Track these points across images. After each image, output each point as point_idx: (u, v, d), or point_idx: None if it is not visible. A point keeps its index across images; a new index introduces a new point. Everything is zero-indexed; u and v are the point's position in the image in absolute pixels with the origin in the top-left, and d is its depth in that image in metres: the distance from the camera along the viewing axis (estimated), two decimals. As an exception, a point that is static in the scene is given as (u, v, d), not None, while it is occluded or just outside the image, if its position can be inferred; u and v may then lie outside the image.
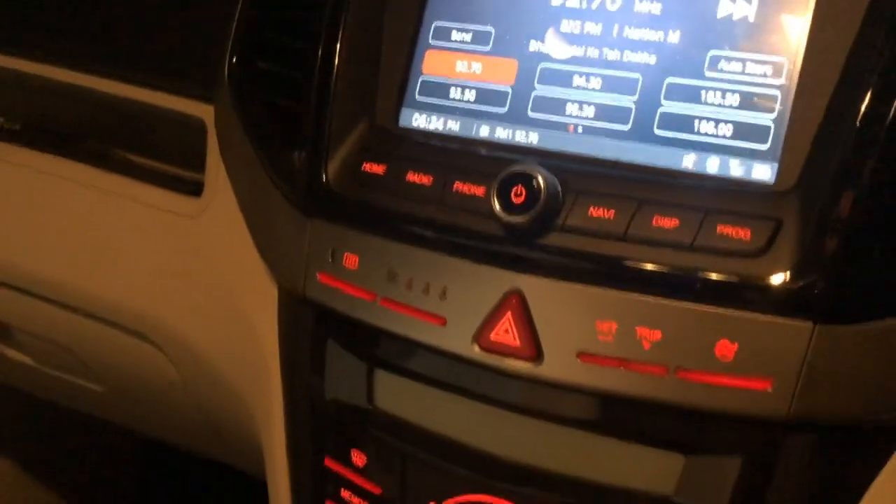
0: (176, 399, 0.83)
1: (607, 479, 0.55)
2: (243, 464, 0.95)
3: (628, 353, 0.52)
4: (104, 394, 0.92)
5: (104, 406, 0.99)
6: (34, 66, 0.84)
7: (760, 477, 0.51)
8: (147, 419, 0.98)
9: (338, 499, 0.63)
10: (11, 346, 0.94)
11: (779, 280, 0.49)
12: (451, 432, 0.59)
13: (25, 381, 1.05)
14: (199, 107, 0.75)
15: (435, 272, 0.57)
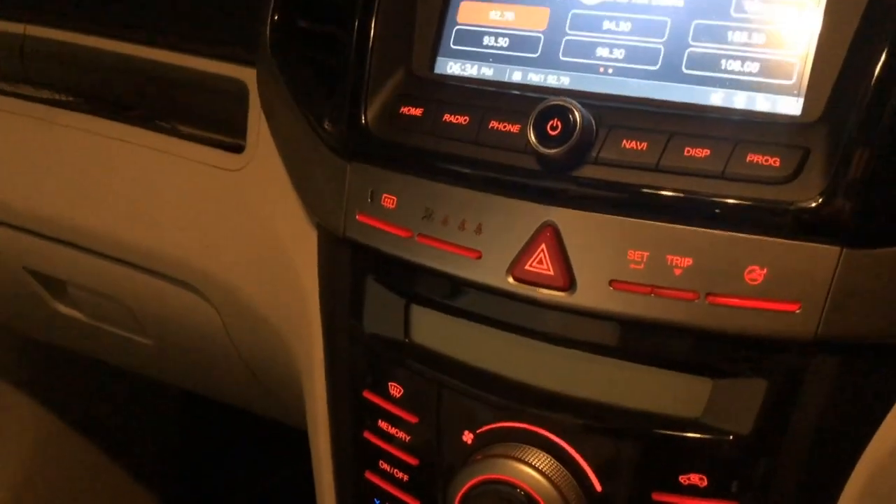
0: (220, 349, 0.82)
1: (637, 404, 0.52)
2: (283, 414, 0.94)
3: (660, 280, 0.49)
4: (152, 347, 0.91)
5: (151, 361, 0.98)
6: (79, 37, 0.83)
7: (786, 398, 0.49)
8: (192, 373, 0.96)
9: (376, 429, 0.61)
10: (65, 302, 0.93)
11: (807, 205, 0.46)
12: (485, 363, 0.57)
13: (75, 338, 1.04)
14: (241, 70, 0.74)
15: (470, 208, 0.55)
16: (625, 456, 0.52)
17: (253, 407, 1.03)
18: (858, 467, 0.49)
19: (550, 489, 0.53)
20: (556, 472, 0.53)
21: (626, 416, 0.53)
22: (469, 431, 0.57)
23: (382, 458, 0.61)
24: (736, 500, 0.50)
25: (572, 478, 0.53)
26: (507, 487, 0.53)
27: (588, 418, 0.53)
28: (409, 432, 0.60)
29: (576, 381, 0.54)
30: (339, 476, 0.64)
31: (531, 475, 0.53)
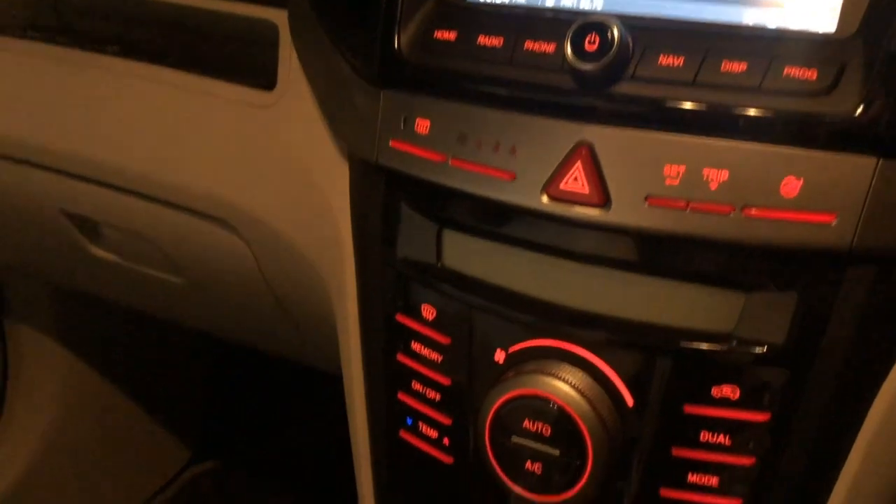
0: (253, 287, 0.80)
1: (669, 320, 0.51)
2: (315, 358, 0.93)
3: (695, 194, 0.48)
4: (185, 288, 0.90)
5: (184, 304, 0.97)
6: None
7: (820, 310, 0.47)
8: (225, 316, 0.95)
9: (408, 352, 0.60)
10: (100, 244, 0.92)
11: (844, 116, 0.45)
12: (517, 285, 0.56)
13: (108, 284, 1.03)
14: (271, 11, 0.72)
15: (504, 130, 0.53)
16: (657, 371, 0.51)
17: (285, 351, 1.02)
18: (890, 379, 0.48)
19: (583, 403, 0.52)
20: (588, 387, 0.52)
21: (658, 332, 0.51)
22: (501, 350, 0.56)
23: (415, 379, 0.60)
24: (767, 411, 0.49)
25: (604, 393, 0.52)
26: (539, 402, 0.52)
27: (620, 335, 0.52)
28: (442, 353, 0.58)
29: (608, 299, 0.53)
30: (371, 398, 0.63)
31: (564, 390, 0.52)
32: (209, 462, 1.49)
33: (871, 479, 0.49)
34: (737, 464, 0.50)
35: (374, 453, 0.65)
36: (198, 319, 1.03)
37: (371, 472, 0.66)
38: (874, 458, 0.48)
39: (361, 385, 0.64)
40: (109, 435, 1.42)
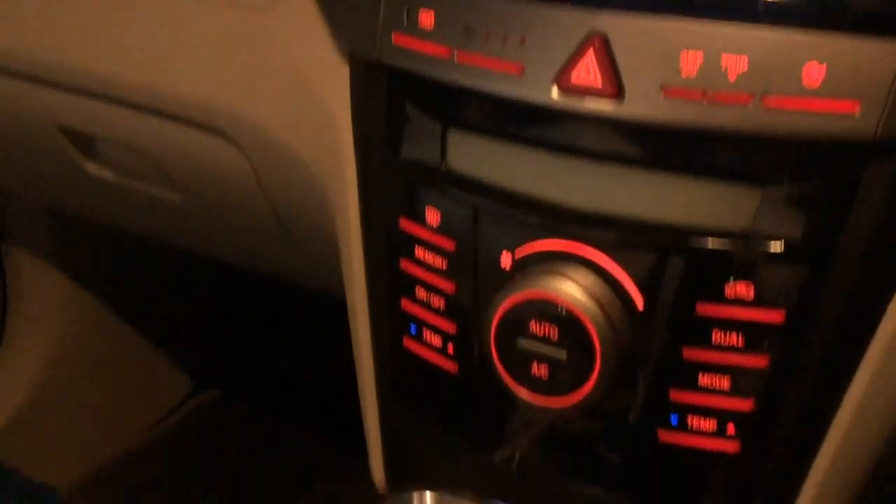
0: (252, 202, 0.78)
1: (683, 218, 0.49)
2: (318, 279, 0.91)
3: (713, 84, 0.45)
4: (182, 208, 0.88)
5: (181, 224, 0.95)
6: None
7: (840, 203, 0.45)
8: (224, 235, 0.94)
9: (412, 258, 0.58)
10: (96, 161, 0.90)
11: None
12: (524, 186, 0.54)
13: (105, 205, 1.01)
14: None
15: (513, 21, 0.51)
16: (669, 271, 0.49)
17: (287, 274, 1.00)
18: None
19: (592, 305, 0.50)
20: (597, 289, 0.51)
21: (671, 231, 0.49)
22: (508, 254, 0.54)
23: (419, 286, 0.58)
24: (782, 310, 0.48)
25: (614, 295, 0.51)
26: (547, 305, 0.51)
27: (632, 235, 0.50)
28: (446, 259, 0.57)
29: (619, 198, 0.51)
30: (374, 307, 0.62)
31: (572, 292, 0.50)
32: (212, 391, 1.49)
33: (889, 382, 0.48)
34: (749, 365, 0.48)
35: (377, 364, 0.64)
36: (197, 241, 1.02)
37: (374, 383, 0.65)
38: (892, 359, 0.47)
39: (364, 295, 0.63)
40: (111, 364, 1.42)
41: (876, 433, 0.48)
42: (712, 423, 0.50)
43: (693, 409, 0.50)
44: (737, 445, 0.50)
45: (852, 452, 0.49)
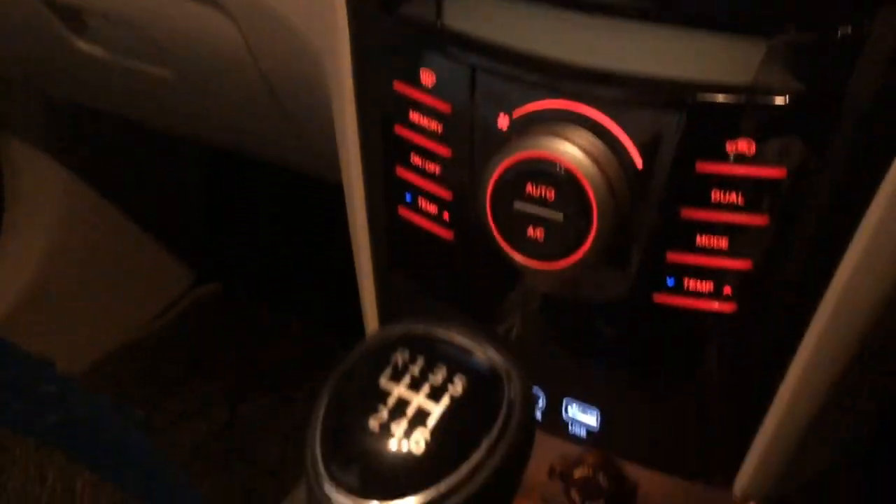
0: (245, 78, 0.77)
1: (684, 73, 0.48)
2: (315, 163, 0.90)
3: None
4: (175, 85, 0.86)
5: (176, 104, 0.93)
6: None
7: (846, 56, 0.44)
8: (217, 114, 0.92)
9: (406, 122, 0.57)
10: (85, 37, 0.88)
11: None
12: (521, 43, 0.52)
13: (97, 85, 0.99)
14: None
15: None
16: (669, 128, 0.48)
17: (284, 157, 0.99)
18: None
19: (591, 165, 0.49)
20: (596, 149, 0.49)
21: (672, 87, 0.48)
22: (505, 115, 0.53)
23: (414, 152, 0.57)
24: (784, 167, 0.46)
25: (613, 155, 0.50)
26: (544, 164, 0.49)
27: (632, 91, 0.49)
28: (442, 122, 0.55)
29: (618, 53, 0.49)
30: (368, 176, 0.61)
31: (570, 151, 0.49)
32: (213, 283, 1.50)
33: (889, 239, 0.47)
34: (749, 224, 0.48)
35: (372, 235, 0.63)
36: (192, 122, 1.00)
37: (370, 256, 0.65)
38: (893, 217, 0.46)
39: (359, 164, 0.62)
40: (111, 255, 1.42)
41: (875, 291, 0.47)
42: (709, 284, 0.50)
43: (690, 271, 0.50)
44: (734, 306, 0.49)
45: (850, 310, 0.48)
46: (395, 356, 0.33)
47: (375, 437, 0.32)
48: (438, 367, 0.32)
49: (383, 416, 0.32)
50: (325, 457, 0.32)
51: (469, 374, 0.32)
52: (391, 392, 0.32)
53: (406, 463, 0.31)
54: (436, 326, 0.34)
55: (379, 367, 0.33)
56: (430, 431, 0.31)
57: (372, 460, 0.31)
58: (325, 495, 0.31)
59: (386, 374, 0.33)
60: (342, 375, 0.34)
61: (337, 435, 0.33)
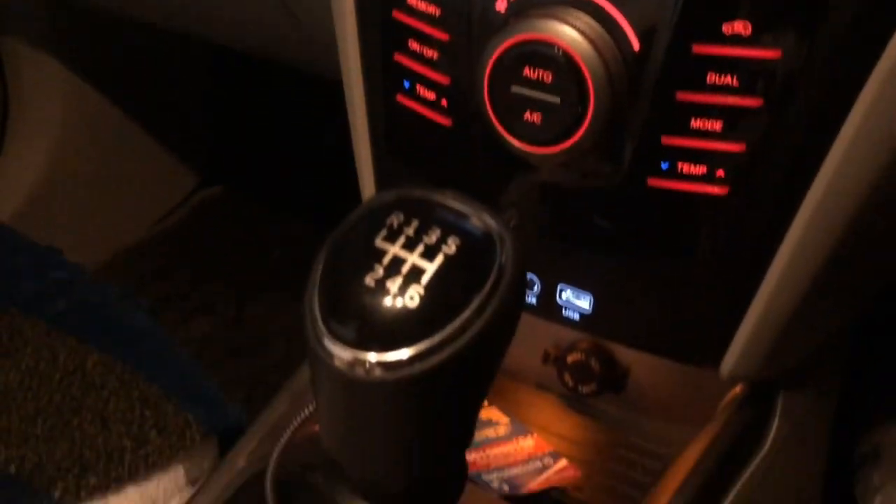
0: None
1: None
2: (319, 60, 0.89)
3: None
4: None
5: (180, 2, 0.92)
6: None
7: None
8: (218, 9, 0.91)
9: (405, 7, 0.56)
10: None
11: None
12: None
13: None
14: None
15: None
16: (666, 10, 0.48)
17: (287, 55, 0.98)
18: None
19: (588, 48, 0.49)
20: (594, 31, 0.49)
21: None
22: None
23: (412, 38, 0.57)
24: (779, 48, 0.46)
25: (610, 38, 0.50)
26: (542, 47, 0.49)
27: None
28: (440, 6, 0.55)
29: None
30: (366, 63, 0.61)
31: (569, 33, 0.49)
32: (219, 185, 1.50)
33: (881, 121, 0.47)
34: (743, 106, 0.48)
35: (371, 124, 0.64)
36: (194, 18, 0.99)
37: (369, 145, 0.65)
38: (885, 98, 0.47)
39: (357, 52, 0.62)
40: (116, 156, 1.42)
41: (865, 175, 0.48)
42: (702, 167, 0.50)
43: (684, 154, 0.50)
44: (726, 189, 0.50)
45: (840, 194, 0.49)
46: (390, 218, 0.34)
47: (372, 294, 0.33)
48: (433, 229, 0.33)
49: (379, 273, 0.33)
50: (324, 314, 0.34)
51: (463, 236, 0.33)
52: (387, 251, 0.33)
53: (401, 317, 0.32)
54: (431, 191, 0.34)
55: (374, 228, 0.34)
56: (424, 287, 0.32)
57: (369, 315, 0.33)
58: (325, 350, 0.33)
59: (381, 234, 0.34)
60: (338, 238, 0.35)
61: (334, 293, 0.34)
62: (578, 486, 0.62)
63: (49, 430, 0.60)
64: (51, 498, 0.54)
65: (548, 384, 0.69)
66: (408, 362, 0.32)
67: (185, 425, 0.61)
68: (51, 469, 0.56)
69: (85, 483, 0.56)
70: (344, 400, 0.34)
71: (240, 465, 0.58)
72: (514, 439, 0.65)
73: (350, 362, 0.32)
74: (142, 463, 0.59)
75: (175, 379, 0.64)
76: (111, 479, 0.57)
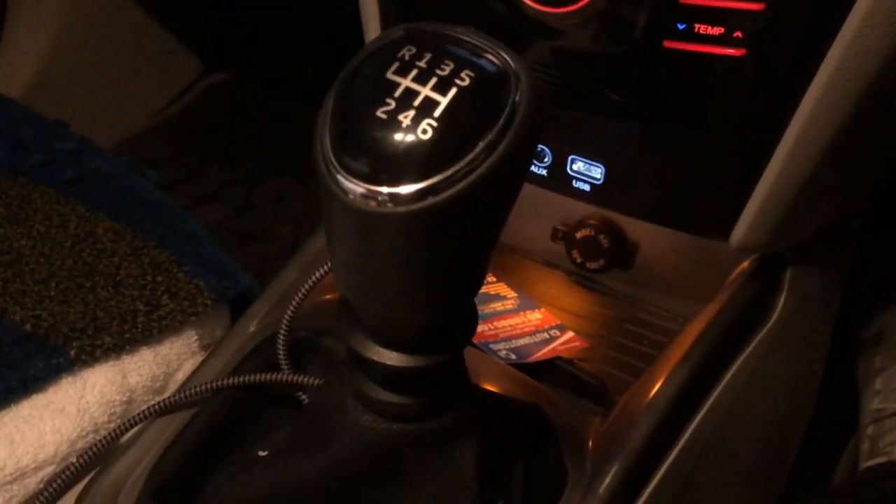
0: None
1: None
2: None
3: None
4: None
5: None
6: None
7: None
8: None
9: None
10: None
11: None
12: None
13: None
14: None
15: None
16: None
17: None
18: None
19: None
20: None
21: None
22: None
23: None
24: None
25: None
26: None
27: None
28: None
29: None
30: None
31: None
32: (222, 73, 1.48)
33: None
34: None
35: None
36: None
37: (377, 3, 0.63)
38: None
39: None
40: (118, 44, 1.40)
41: (888, 32, 0.47)
42: (720, 28, 0.49)
43: (702, 14, 0.49)
44: (743, 50, 0.49)
45: (858, 60, 0.48)
46: (402, 51, 0.33)
47: (383, 127, 0.32)
48: (446, 62, 0.33)
49: (391, 106, 0.32)
50: (336, 149, 0.33)
51: (477, 70, 0.33)
52: (399, 84, 0.33)
53: (413, 150, 0.32)
54: (445, 25, 0.34)
55: (386, 62, 0.33)
56: (436, 120, 0.32)
57: (381, 149, 0.32)
58: (338, 185, 0.33)
59: (393, 67, 0.33)
60: (349, 72, 0.34)
61: (345, 128, 0.34)
62: (584, 357, 0.63)
63: (62, 293, 0.60)
64: (67, 355, 0.55)
65: (556, 261, 0.69)
66: (420, 195, 0.32)
67: (196, 291, 0.62)
68: (65, 329, 0.57)
69: (100, 343, 0.57)
70: (357, 235, 0.34)
71: (251, 330, 0.59)
72: (522, 312, 0.66)
73: (363, 196, 0.32)
74: (155, 326, 0.60)
75: (186, 247, 0.64)
76: (125, 339, 0.58)
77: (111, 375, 0.56)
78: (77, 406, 0.53)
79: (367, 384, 0.39)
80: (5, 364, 0.53)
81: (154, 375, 0.58)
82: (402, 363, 0.37)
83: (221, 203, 1.25)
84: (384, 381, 0.39)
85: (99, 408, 0.55)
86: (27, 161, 0.68)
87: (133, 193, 0.67)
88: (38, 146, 0.70)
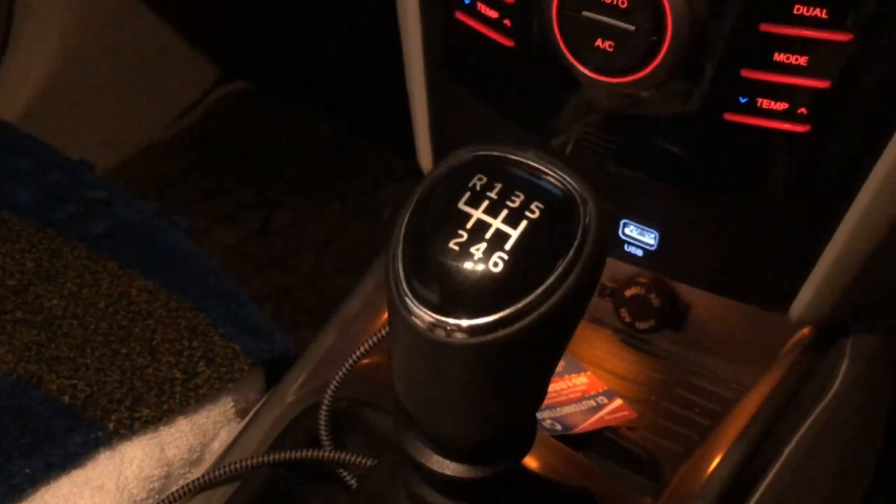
0: None
1: None
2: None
3: None
4: None
5: None
6: None
7: None
8: None
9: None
10: None
11: None
12: None
13: None
14: None
15: None
16: None
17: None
18: None
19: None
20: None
21: None
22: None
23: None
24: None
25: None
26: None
27: None
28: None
29: None
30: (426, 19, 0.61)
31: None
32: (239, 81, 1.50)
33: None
34: (832, 40, 0.49)
35: (425, 42, 0.64)
36: None
37: (423, 63, 0.66)
38: None
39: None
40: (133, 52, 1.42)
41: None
42: (784, 103, 0.51)
43: (765, 89, 0.51)
44: (808, 127, 0.51)
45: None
46: (472, 181, 0.36)
47: (456, 258, 0.35)
48: (516, 193, 0.35)
49: (463, 237, 0.35)
50: (408, 274, 0.36)
51: (546, 200, 0.35)
52: (471, 216, 0.35)
53: (485, 282, 0.35)
54: (511, 149, 0.36)
55: (457, 190, 0.36)
56: (507, 253, 0.35)
57: (452, 280, 0.35)
58: (408, 310, 0.35)
59: (464, 197, 0.36)
60: (424, 195, 0.37)
61: (418, 254, 0.36)
62: (632, 427, 0.65)
63: (99, 360, 0.63)
64: (105, 429, 0.58)
65: (603, 318, 0.71)
66: (490, 328, 0.34)
67: (233, 356, 0.64)
68: (103, 400, 0.60)
69: (138, 415, 0.60)
70: (422, 359, 0.36)
71: (289, 398, 0.61)
72: (568, 376, 0.68)
73: (431, 324, 0.35)
74: (192, 395, 0.62)
75: (221, 307, 0.67)
76: (163, 410, 0.60)
77: (149, 449, 0.59)
78: (116, 483, 0.56)
79: (423, 488, 0.42)
80: (45, 438, 0.56)
81: (191, 446, 0.61)
82: (460, 474, 0.40)
83: (238, 226, 1.27)
84: (442, 487, 0.41)
85: (137, 483, 0.58)
86: (57, 213, 0.71)
87: (165, 248, 0.70)
88: (66, 194, 0.73)
